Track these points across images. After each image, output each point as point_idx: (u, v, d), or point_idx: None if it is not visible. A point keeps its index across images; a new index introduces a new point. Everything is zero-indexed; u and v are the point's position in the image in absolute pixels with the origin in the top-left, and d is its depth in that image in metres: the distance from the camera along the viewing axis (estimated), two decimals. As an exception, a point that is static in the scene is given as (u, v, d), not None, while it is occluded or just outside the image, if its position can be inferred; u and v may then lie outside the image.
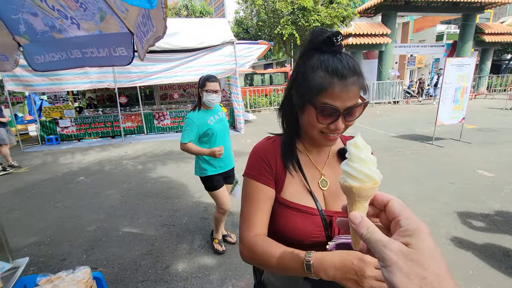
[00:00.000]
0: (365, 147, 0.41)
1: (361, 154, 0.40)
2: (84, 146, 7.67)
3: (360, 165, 0.40)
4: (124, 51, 1.57)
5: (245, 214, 0.79)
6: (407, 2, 12.31)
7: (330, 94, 0.66)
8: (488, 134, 6.58)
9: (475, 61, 5.85)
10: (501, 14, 22.54)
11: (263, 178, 0.77)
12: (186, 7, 21.32)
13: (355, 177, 0.40)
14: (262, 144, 0.83)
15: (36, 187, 4.61)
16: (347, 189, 0.41)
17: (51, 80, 7.07)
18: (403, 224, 0.35)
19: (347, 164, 0.41)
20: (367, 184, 0.39)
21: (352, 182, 0.40)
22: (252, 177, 0.78)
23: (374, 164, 0.41)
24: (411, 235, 0.33)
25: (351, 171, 0.40)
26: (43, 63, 1.88)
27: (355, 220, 0.38)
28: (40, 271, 2.47)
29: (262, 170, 0.78)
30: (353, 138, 0.42)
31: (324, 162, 0.83)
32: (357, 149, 0.41)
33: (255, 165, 0.79)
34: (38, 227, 3.28)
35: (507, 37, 14.22)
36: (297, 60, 0.75)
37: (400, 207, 0.37)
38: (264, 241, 0.74)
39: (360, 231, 0.36)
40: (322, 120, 0.69)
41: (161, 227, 3.13)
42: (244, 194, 0.81)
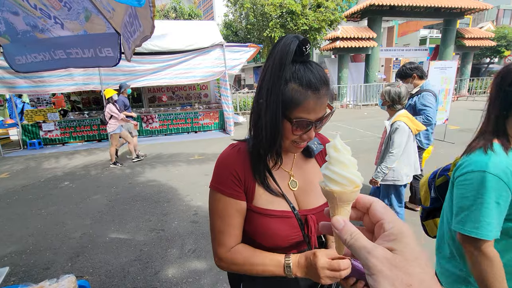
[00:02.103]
0: (345, 149, 0.40)
1: (341, 157, 0.39)
2: (69, 150, 7.43)
3: (340, 169, 0.39)
4: (110, 52, 1.53)
5: (217, 230, 0.78)
6: (391, 7, 12.67)
7: (305, 108, 0.67)
8: (471, 134, 6.78)
9: (456, 64, 6.07)
10: (480, 20, 23.59)
11: (233, 192, 0.75)
12: (175, 9, 21.17)
13: (335, 181, 0.39)
14: (228, 155, 0.79)
15: (17, 194, 4.42)
16: (328, 193, 0.40)
17: (34, 82, 6.83)
18: (387, 227, 0.34)
19: (327, 167, 0.40)
20: (348, 188, 0.38)
21: (333, 187, 0.39)
22: (221, 192, 0.75)
23: (354, 166, 0.40)
24: (395, 240, 0.32)
25: (332, 175, 0.39)
26: (24, 64, 1.81)
27: (338, 225, 0.37)
28: (21, 281, 2.35)
29: (231, 183, 0.75)
30: (332, 141, 0.41)
31: (291, 163, 0.83)
32: (337, 152, 0.40)
33: (223, 179, 0.76)
34: (20, 235, 3.14)
35: (485, 42, 14.87)
36: (265, 67, 0.70)
37: (383, 210, 0.37)
38: (242, 251, 0.77)
39: (344, 237, 0.35)
40: (297, 133, 0.70)
41: (150, 232, 3.06)
42: (214, 208, 0.78)
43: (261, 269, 0.74)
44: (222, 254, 0.78)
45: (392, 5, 12.36)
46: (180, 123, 8.91)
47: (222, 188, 0.75)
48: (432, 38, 19.04)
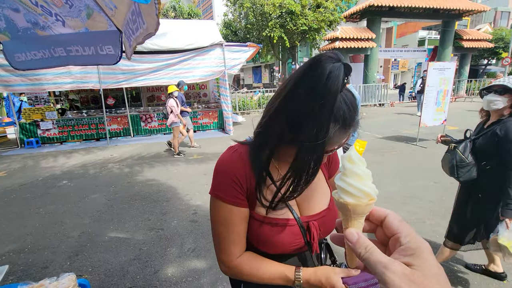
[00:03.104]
0: (360, 161, 0.39)
1: (356, 168, 0.38)
2: (67, 149, 7.39)
3: (356, 181, 0.38)
4: (111, 50, 1.52)
5: (221, 238, 0.75)
6: (391, 8, 12.72)
7: (338, 143, 0.67)
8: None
9: (455, 65, 6.11)
10: (478, 22, 23.73)
11: (235, 199, 0.72)
12: (174, 8, 21.12)
13: (350, 193, 0.38)
14: (228, 160, 0.74)
15: (15, 192, 4.39)
16: (342, 205, 0.39)
17: (30, 80, 6.76)
18: (403, 241, 0.33)
19: (341, 179, 0.39)
20: (363, 201, 0.38)
21: (347, 199, 0.38)
22: (223, 200, 0.72)
23: (369, 178, 0.39)
24: (413, 255, 0.31)
25: (346, 187, 0.38)
26: (24, 61, 1.80)
27: (351, 238, 0.36)
28: (20, 280, 2.34)
29: (233, 191, 0.72)
30: (348, 152, 0.40)
31: None
32: (352, 163, 0.39)
33: (225, 186, 0.72)
34: (18, 234, 3.12)
35: (483, 43, 14.95)
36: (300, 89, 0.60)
37: (399, 223, 0.36)
38: (249, 261, 0.76)
39: (358, 251, 0.35)
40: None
41: (149, 231, 3.06)
42: (216, 216, 0.75)
43: (268, 281, 0.74)
44: (228, 263, 0.76)
45: (391, 6, 12.40)
46: (179, 122, 8.89)
47: (223, 196, 0.72)
48: (431, 39, 19.14)
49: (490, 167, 1.82)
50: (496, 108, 1.79)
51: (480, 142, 1.87)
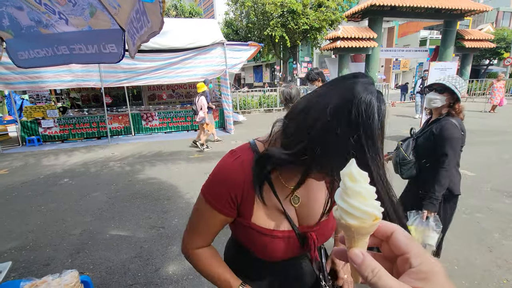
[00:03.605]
0: (362, 177, 0.36)
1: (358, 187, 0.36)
2: (68, 147, 7.41)
3: (359, 202, 0.35)
4: (114, 48, 1.53)
5: (194, 227, 0.79)
6: (392, 8, 12.68)
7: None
8: (469, 135, 6.84)
9: (456, 65, 6.10)
10: (479, 22, 23.65)
11: (223, 209, 0.72)
12: (175, 7, 21.10)
13: (353, 215, 0.35)
14: (229, 170, 0.71)
15: (16, 190, 4.41)
16: (345, 227, 0.36)
17: (30, 78, 6.75)
18: (414, 263, 0.31)
19: (343, 199, 0.36)
20: (368, 222, 0.35)
21: (350, 221, 0.35)
22: (212, 206, 0.72)
23: (373, 196, 0.36)
24: (426, 279, 0.29)
25: (349, 209, 0.35)
26: (27, 59, 1.81)
27: (356, 259, 0.34)
28: (21, 277, 2.35)
29: (225, 202, 0.71)
30: (347, 167, 0.37)
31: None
32: (354, 182, 0.36)
33: (218, 195, 0.71)
34: (19, 231, 3.13)
35: (485, 43, 14.91)
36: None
37: (407, 242, 0.33)
38: (205, 257, 0.80)
39: (364, 274, 0.32)
40: None
41: (150, 229, 3.07)
42: (199, 211, 0.76)
43: (213, 281, 0.79)
44: (188, 249, 0.81)
45: (393, 6, 12.37)
46: (180, 121, 8.91)
47: (213, 202, 0.72)
48: (432, 39, 19.09)
49: (429, 165, 1.87)
50: (436, 106, 1.85)
51: (420, 140, 1.93)
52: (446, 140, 1.77)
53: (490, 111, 10.60)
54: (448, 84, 1.77)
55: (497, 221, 2.94)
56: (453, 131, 1.78)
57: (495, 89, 10.31)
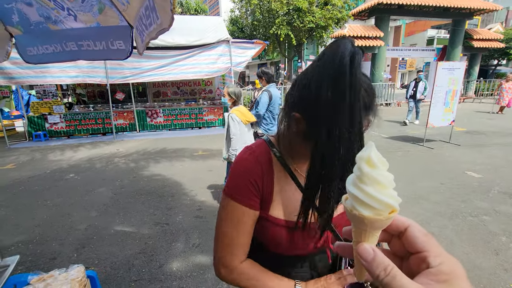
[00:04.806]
0: (382, 163, 0.31)
1: (377, 174, 0.31)
2: (74, 143, 7.49)
3: (376, 190, 0.31)
4: (122, 45, 1.53)
5: (229, 239, 0.72)
6: (400, 6, 12.53)
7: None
8: (476, 137, 6.77)
9: (464, 66, 6.00)
10: (489, 21, 23.26)
11: (251, 202, 0.70)
12: (181, 4, 21.11)
13: (368, 205, 0.31)
14: (246, 162, 0.73)
15: (23, 184, 4.47)
16: (357, 218, 0.32)
17: (35, 73, 6.78)
18: (433, 263, 0.28)
19: (356, 186, 0.32)
20: (384, 214, 0.31)
21: (364, 212, 0.31)
22: (238, 201, 0.71)
23: (391, 185, 0.32)
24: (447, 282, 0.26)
25: (364, 197, 0.31)
26: (35, 55, 1.82)
27: (366, 255, 0.31)
28: (28, 270, 2.39)
29: (249, 193, 0.70)
30: (365, 150, 0.32)
31: None
32: (372, 167, 0.31)
33: (241, 187, 0.71)
34: (26, 225, 3.18)
35: (494, 43, 14.67)
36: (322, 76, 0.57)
37: (424, 239, 0.30)
38: (249, 270, 0.73)
39: (375, 272, 0.29)
40: None
41: (154, 226, 3.09)
42: (227, 216, 0.72)
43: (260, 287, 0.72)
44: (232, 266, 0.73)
45: (401, 4, 12.22)
46: (184, 118, 8.93)
47: (239, 198, 0.70)
48: (440, 39, 18.83)
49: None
50: None
51: None
52: None
53: (498, 112, 10.45)
54: None
55: (504, 224, 2.90)
56: None
57: (503, 90, 10.15)
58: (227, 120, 3.03)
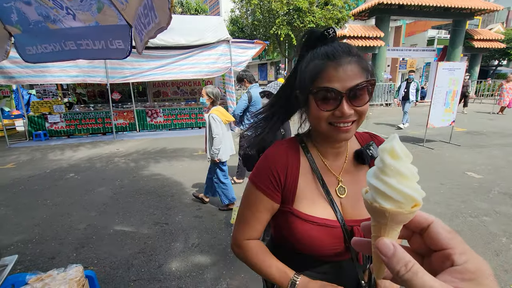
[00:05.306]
0: (406, 155, 0.30)
1: (401, 165, 0.30)
2: (74, 142, 7.49)
3: (399, 182, 0.29)
4: (121, 44, 1.53)
5: (243, 218, 0.79)
6: (400, 6, 12.51)
7: (325, 77, 0.62)
8: (476, 137, 6.76)
9: (465, 66, 5.99)
10: (489, 21, 23.22)
11: (268, 191, 0.73)
12: (181, 4, 21.11)
13: (389, 197, 0.30)
14: (273, 152, 0.76)
15: (23, 184, 4.47)
16: (377, 211, 0.31)
17: (35, 72, 6.77)
18: (458, 261, 0.27)
19: (378, 177, 0.31)
20: (406, 208, 0.30)
21: (385, 204, 0.30)
22: (257, 187, 0.74)
23: (415, 177, 0.30)
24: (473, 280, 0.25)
25: (386, 189, 0.30)
26: (35, 55, 1.82)
27: (386, 250, 0.29)
28: (27, 270, 2.39)
29: (269, 182, 0.73)
30: (388, 141, 0.31)
31: (341, 167, 0.76)
32: (395, 158, 0.30)
33: (262, 175, 0.74)
34: (26, 224, 3.18)
35: (494, 44, 14.65)
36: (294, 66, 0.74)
37: (449, 236, 0.29)
38: (259, 249, 0.78)
39: (396, 268, 0.28)
40: (324, 107, 0.64)
41: (154, 225, 3.09)
42: (246, 198, 0.78)
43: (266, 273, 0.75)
44: (239, 241, 0.79)
45: (401, 4, 12.21)
46: (184, 118, 8.93)
47: (258, 184, 0.74)
48: (440, 39, 18.79)
49: None
50: None
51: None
52: None
53: (498, 112, 10.43)
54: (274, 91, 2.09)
55: (504, 225, 2.89)
56: None
57: (504, 90, 10.13)
58: (207, 120, 3.09)
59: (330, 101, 0.63)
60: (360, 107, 0.64)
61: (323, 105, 0.64)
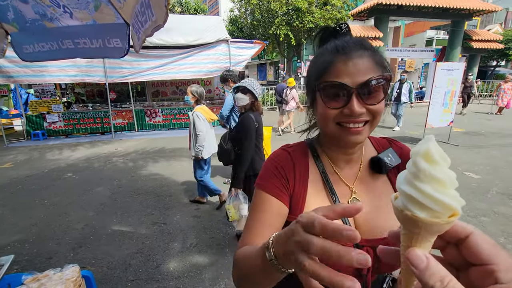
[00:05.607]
0: (443, 159, 0.27)
1: (437, 171, 0.27)
2: (72, 142, 7.46)
3: (435, 189, 0.26)
4: (119, 43, 1.52)
5: (246, 226, 0.66)
6: (399, 7, 12.54)
7: (333, 71, 0.56)
8: (475, 137, 6.78)
9: (463, 66, 6.01)
10: (488, 22, 23.31)
11: (275, 190, 0.64)
12: (180, 3, 21.08)
13: (424, 206, 0.27)
14: (278, 155, 0.70)
15: (21, 183, 4.44)
16: (410, 220, 0.28)
17: (33, 72, 6.74)
18: (504, 279, 0.25)
19: (410, 183, 0.28)
20: (442, 218, 0.26)
21: (418, 213, 0.27)
22: (263, 188, 0.66)
23: (454, 184, 0.28)
24: None
25: (419, 196, 0.27)
26: (32, 53, 1.80)
27: (418, 262, 0.27)
28: (24, 270, 2.37)
29: (275, 180, 0.65)
30: (423, 143, 0.28)
31: (355, 176, 0.68)
32: (431, 163, 0.27)
33: (267, 175, 0.67)
34: (23, 224, 3.16)
35: (493, 44, 14.71)
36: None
37: (492, 250, 0.26)
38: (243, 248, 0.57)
39: (429, 282, 0.25)
40: (332, 104, 0.57)
41: (152, 225, 3.07)
42: (251, 206, 0.68)
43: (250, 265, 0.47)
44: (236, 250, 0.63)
45: (400, 5, 12.24)
46: (183, 118, 8.91)
47: (264, 185, 0.66)
48: (439, 39, 18.84)
49: (240, 152, 2.31)
50: (243, 104, 2.30)
51: (233, 132, 2.38)
52: (243, 129, 2.24)
53: (496, 113, 10.46)
54: (249, 86, 2.24)
55: (502, 225, 2.89)
56: (249, 122, 2.24)
57: (502, 90, 10.17)
58: (191, 118, 3.15)
59: (338, 97, 0.57)
60: (373, 105, 0.57)
61: (331, 102, 0.57)
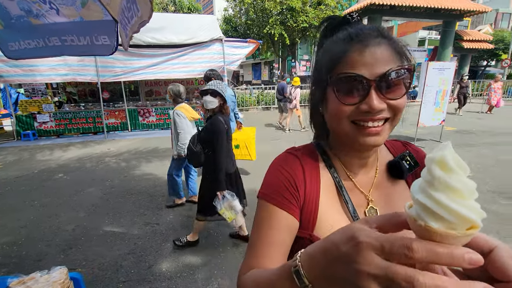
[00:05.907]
0: (460, 167, 0.26)
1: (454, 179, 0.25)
2: (64, 142, 7.34)
3: (449, 198, 0.25)
4: (107, 40, 1.49)
5: (249, 243, 0.58)
6: (392, 7, 12.67)
7: (348, 62, 0.49)
8: (466, 136, 6.89)
9: (455, 66, 6.10)
10: (478, 23, 23.73)
11: (284, 201, 0.56)
12: (174, 2, 20.94)
13: (438, 215, 0.25)
14: (285, 159, 0.61)
15: (10, 185, 4.35)
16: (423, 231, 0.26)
17: (23, 71, 6.61)
18: None
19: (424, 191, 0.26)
20: (459, 230, 0.25)
21: (432, 223, 0.25)
22: (269, 199, 0.57)
23: (472, 194, 0.26)
24: None
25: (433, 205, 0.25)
26: (17, 50, 1.76)
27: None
28: (12, 272, 2.31)
29: (283, 190, 0.56)
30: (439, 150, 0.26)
31: (371, 183, 0.61)
32: (446, 171, 0.25)
33: (273, 184, 0.58)
34: (11, 226, 3.09)
35: (483, 44, 14.98)
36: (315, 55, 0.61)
37: None
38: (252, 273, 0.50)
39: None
40: (347, 99, 0.49)
41: (144, 226, 3.04)
42: (255, 220, 0.59)
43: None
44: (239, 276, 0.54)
45: (393, 5, 12.37)
46: (177, 117, 8.85)
47: (268, 194, 0.57)
48: (431, 40, 19.10)
49: (210, 153, 2.34)
50: (212, 107, 2.34)
51: (202, 134, 2.40)
52: (214, 132, 2.27)
53: (487, 112, 10.65)
54: (218, 89, 2.29)
55: (493, 223, 2.94)
56: (219, 125, 2.28)
57: (492, 90, 10.35)
58: (172, 117, 3.15)
59: (354, 91, 0.49)
60: (395, 100, 0.49)
61: (345, 97, 0.49)
